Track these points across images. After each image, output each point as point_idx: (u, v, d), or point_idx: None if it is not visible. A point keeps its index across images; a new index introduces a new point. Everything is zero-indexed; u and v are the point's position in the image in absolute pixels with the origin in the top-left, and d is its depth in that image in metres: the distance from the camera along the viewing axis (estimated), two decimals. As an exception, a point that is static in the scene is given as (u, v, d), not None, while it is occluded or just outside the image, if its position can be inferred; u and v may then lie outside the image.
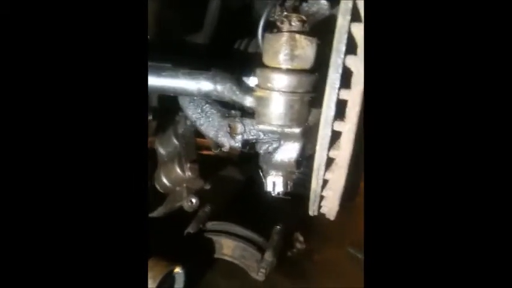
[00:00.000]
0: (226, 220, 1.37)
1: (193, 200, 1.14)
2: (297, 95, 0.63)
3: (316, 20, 0.87)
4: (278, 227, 1.36)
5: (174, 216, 1.23)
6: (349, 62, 0.62)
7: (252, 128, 0.88)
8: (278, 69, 0.62)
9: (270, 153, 0.86)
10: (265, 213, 1.45)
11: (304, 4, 0.85)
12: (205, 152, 1.39)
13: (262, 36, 0.73)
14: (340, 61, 0.61)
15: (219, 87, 0.65)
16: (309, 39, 0.61)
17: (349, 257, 1.47)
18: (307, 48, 0.61)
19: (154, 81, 0.66)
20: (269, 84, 0.63)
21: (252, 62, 0.78)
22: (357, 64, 0.62)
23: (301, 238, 1.48)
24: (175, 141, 1.14)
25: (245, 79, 0.84)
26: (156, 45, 0.81)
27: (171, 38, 0.88)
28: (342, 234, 1.53)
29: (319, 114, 0.65)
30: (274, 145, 0.86)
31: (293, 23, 0.61)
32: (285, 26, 0.62)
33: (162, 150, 1.16)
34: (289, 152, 0.83)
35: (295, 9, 0.82)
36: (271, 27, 0.69)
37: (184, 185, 1.15)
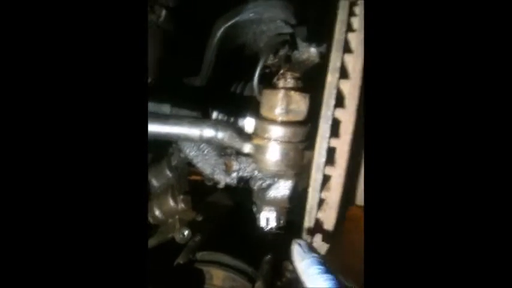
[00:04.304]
0: (216, 249, 1.43)
1: (185, 233, 1.22)
2: (292, 144, 0.74)
3: (306, 66, 1.00)
4: (268, 256, 1.43)
5: (164, 247, 1.29)
6: (338, 114, 0.73)
7: (246, 165, 0.99)
8: (275, 121, 0.73)
9: (263, 190, 0.96)
10: (254, 242, 1.52)
11: (296, 52, 0.98)
12: (195, 178, 1.45)
13: (258, 84, 0.84)
14: (329, 113, 0.72)
15: (220, 135, 0.75)
16: (302, 95, 0.72)
17: (338, 286, 1.56)
18: (300, 103, 0.72)
19: (160, 128, 0.75)
20: (267, 135, 0.73)
21: (248, 104, 0.89)
22: (345, 116, 0.73)
23: (290, 267, 1.56)
24: (168, 173, 1.22)
25: (240, 120, 0.96)
26: (155, 88, 0.91)
27: (170, 81, 0.98)
28: (331, 264, 1.61)
29: (311, 155, 0.76)
30: (268, 181, 0.96)
31: (288, 80, 0.73)
32: (281, 83, 0.73)
33: (155, 182, 1.23)
34: (282, 189, 0.93)
35: (288, 58, 0.94)
36: (266, 75, 0.80)
37: (177, 216, 1.23)
